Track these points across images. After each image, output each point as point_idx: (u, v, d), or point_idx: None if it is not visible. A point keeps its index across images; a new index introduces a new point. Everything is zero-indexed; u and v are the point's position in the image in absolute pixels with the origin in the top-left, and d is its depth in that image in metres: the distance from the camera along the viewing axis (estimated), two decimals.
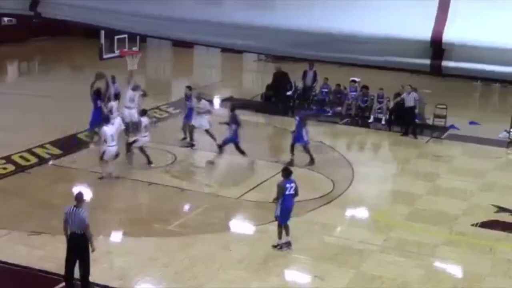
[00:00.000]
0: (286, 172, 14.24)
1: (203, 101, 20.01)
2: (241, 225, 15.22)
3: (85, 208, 11.56)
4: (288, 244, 13.76)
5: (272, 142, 22.57)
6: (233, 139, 18.22)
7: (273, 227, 14.83)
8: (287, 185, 13.80)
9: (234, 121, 18.34)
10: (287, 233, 13.78)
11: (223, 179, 15.91)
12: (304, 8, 4.46)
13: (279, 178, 17.56)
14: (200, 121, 19.59)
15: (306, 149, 18.63)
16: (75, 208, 11.38)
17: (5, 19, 33.42)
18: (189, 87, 21.24)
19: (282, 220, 13.77)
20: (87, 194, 15.92)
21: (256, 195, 16.63)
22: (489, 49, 3.96)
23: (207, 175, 18.10)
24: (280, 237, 13.72)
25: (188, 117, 20.37)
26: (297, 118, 19.17)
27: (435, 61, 4.09)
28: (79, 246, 11.46)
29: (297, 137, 18.66)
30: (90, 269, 11.59)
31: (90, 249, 11.47)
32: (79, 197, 11.69)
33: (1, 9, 6.03)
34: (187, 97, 20.89)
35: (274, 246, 13.73)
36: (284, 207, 13.69)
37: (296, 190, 13.87)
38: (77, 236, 11.37)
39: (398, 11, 4.17)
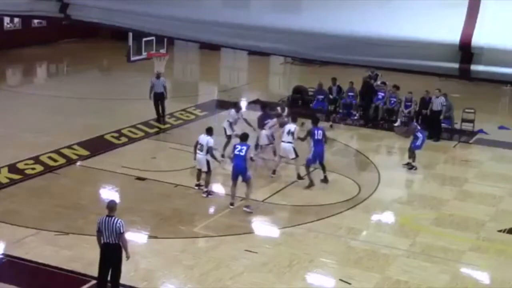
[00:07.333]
0: (314, 120, 17.69)
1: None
2: (266, 228, 15.21)
3: (118, 216, 11.26)
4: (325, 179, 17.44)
5: (300, 145, 22.48)
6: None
7: (299, 230, 14.86)
8: (315, 131, 17.11)
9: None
10: (324, 171, 17.43)
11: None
12: (331, 11, 4.45)
13: (305, 181, 17.61)
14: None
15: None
16: (108, 218, 11.06)
17: (35, 21, 33.81)
18: None
19: (311, 161, 17.24)
20: (114, 196, 16.09)
21: (282, 198, 16.63)
22: None
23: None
24: (308, 176, 17.28)
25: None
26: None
27: (464, 65, 4.06)
28: (113, 255, 11.23)
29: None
30: None
31: (125, 257, 11.25)
32: (111, 205, 11.30)
33: (32, 11, 6.11)
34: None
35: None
36: (314, 151, 17.10)
37: (324, 136, 17.22)
38: (111, 246, 11.11)
39: (426, 15, 4.14)
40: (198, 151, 16.17)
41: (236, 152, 15.53)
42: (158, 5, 5.19)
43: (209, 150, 16.06)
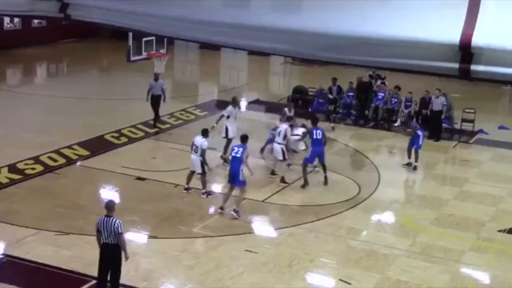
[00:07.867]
0: (314, 120, 17.71)
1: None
2: (266, 228, 15.20)
3: (116, 216, 11.20)
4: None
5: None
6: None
7: (299, 230, 14.85)
8: (314, 131, 17.02)
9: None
10: (324, 170, 17.34)
11: (248, 182, 15.92)
12: (331, 11, 4.45)
13: (302, 181, 17.60)
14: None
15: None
16: (106, 218, 11.02)
17: (35, 21, 33.80)
18: None
19: (308, 160, 17.20)
20: (114, 196, 16.09)
21: (282, 198, 16.62)
22: None
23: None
24: (303, 176, 17.13)
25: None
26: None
27: (464, 65, 4.06)
28: (112, 256, 11.20)
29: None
30: None
31: (124, 258, 11.23)
32: (110, 205, 11.26)
33: (32, 11, 6.12)
34: None
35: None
36: (312, 150, 17.07)
37: (324, 136, 17.09)
38: (110, 246, 11.08)
39: (426, 15, 4.14)
40: (192, 152, 16.12)
41: (233, 154, 15.36)
42: (158, 5, 5.19)
43: (202, 154, 15.97)
